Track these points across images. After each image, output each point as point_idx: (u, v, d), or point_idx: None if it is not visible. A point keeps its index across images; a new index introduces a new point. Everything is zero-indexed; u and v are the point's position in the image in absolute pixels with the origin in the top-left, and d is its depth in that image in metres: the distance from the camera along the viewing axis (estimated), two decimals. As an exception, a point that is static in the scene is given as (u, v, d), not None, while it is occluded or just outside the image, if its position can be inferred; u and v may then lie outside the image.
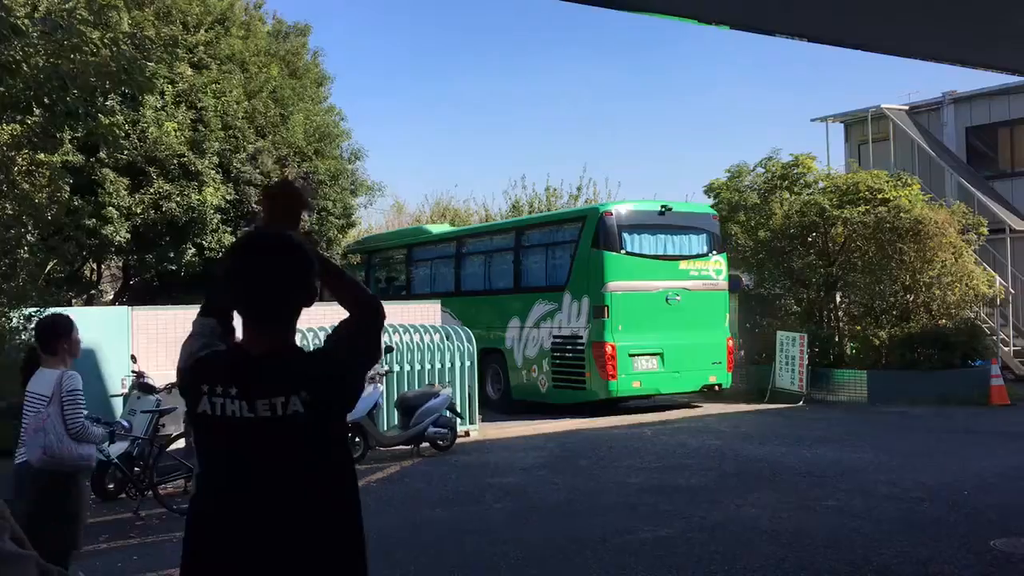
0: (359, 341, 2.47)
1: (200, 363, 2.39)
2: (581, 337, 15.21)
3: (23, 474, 5.15)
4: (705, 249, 16.01)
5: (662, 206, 15.77)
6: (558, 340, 15.68)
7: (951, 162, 21.81)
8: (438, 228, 21.15)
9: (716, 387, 16.18)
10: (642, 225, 15.43)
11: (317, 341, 11.82)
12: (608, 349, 14.69)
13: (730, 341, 16.37)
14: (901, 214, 16.85)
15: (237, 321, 2.54)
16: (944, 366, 15.95)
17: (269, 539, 2.24)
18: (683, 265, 15.57)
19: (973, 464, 10.27)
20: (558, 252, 16.18)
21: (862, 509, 8.23)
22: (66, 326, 5.32)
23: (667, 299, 15.28)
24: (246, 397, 2.24)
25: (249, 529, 2.24)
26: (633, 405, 16.40)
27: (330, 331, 2.48)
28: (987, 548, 6.78)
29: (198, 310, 2.69)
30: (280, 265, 2.34)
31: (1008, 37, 7.29)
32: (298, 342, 2.53)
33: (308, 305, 2.40)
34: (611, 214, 15.14)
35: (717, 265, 16.14)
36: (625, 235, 15.08)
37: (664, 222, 15.53)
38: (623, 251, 15.00)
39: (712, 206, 19.70)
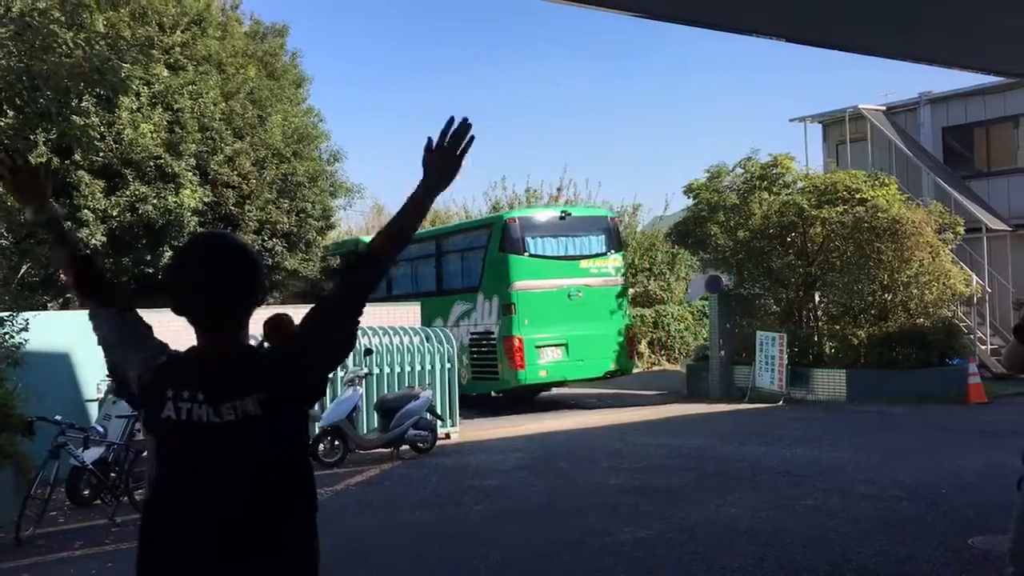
0: (334, 319, 2.36)
1: (162, 368, 2.34)
2: (493, 333, 16.70)
3: None
4: (604, 249, 17.49)
5: (562, 211, 17.67)
6: (474, 336, 17.17)
7: (928, 162, 21.95)
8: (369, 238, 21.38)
9: (619, 373, 17.78)
10: (544, 229, 16.94)
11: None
12: (516, 342, 16.17)
13: (631, 331, 18.00)
14: (879, 214, 16.93)
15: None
16: (922, 365, 16.04)
17: (225, 545, 2.21)
18: (583, 264, 17.05)
19: (951, 462, 10.33)
20: (472, 257, 17.65)
21: (841, 508, 8.25)
22: None
23: (569, 295, 16.75)
24: (212, 402, 2.22)
25: (206, 534, 2.20)
26: (611, 404, 16.41)
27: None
28: (965, 546, 6.80)
29: (102, 308, 2.57)
30: (232, 267, 2.32)
31: (984, 38, 7.34)
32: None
33: (259, 305, 2.37)
34: (514, 221, 16.88)
35: (615, 263, 17.75)
36: (528, 239, 16.59)
37: (564, 226, 17.07)
38: (527, 254, 16.51)
39: (692, 206, 19.79)
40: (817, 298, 18.73)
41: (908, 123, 23.23)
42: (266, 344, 2.54)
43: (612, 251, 17.67)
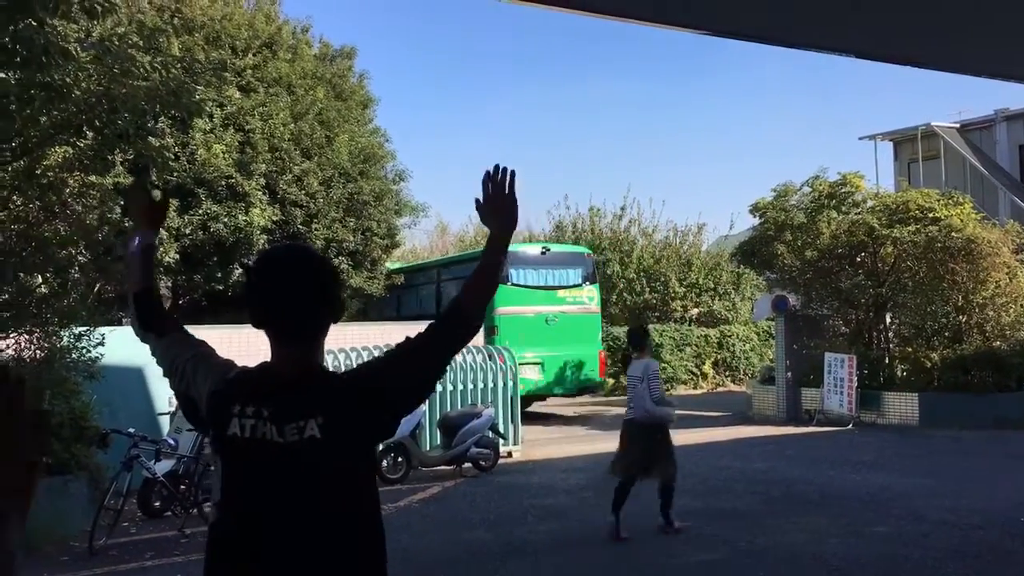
0: (420, 358, 2.28)
1: (230, 383, 2.29)
2: None
3: (633, 426, 8.32)
4: (580, 281, 19.37)
5: (543, 247, 19.81)
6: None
7: (1004, 180, 21.36)
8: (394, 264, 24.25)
9: (588, 390, 19.57)
10: (526, 262, 18.70)
11: (349, 362, 11.87)
12: None
13: (602, 354, 19.59)
14: (953, 233, 16.51)
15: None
16: (998, 389, 15.53)
17: (285, 571, 2.15)
18: (560, 293, 18.94)
19: (1030, 490, 9.97)
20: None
21: (914, 535, 8.01)
22: (645, 334, 8.66)
23: (546, 320, 18.55)
24: (276, 420, 2.16)
25: (264, 562, 2.15)
26: (675, 425, 16.18)
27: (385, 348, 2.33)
28: (1046, 578, 6.55)
29: (167, 328, 2.59)
30: (301, 279, 2.26)
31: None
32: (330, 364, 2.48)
33: (335, 321, 2.31)
34: None
35: (590, 293, 19.55)
36: (512, 270, 18.20)
37: (545, 260, 19.05)
38: (510, 283, 18.08)
39: (758, 225, 19.55)
40: (888, 319, 18.30)
41: (983, 141, 22.65)
42: None
43: (588, 283, 19.54)
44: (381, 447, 11.48)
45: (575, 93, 74.25)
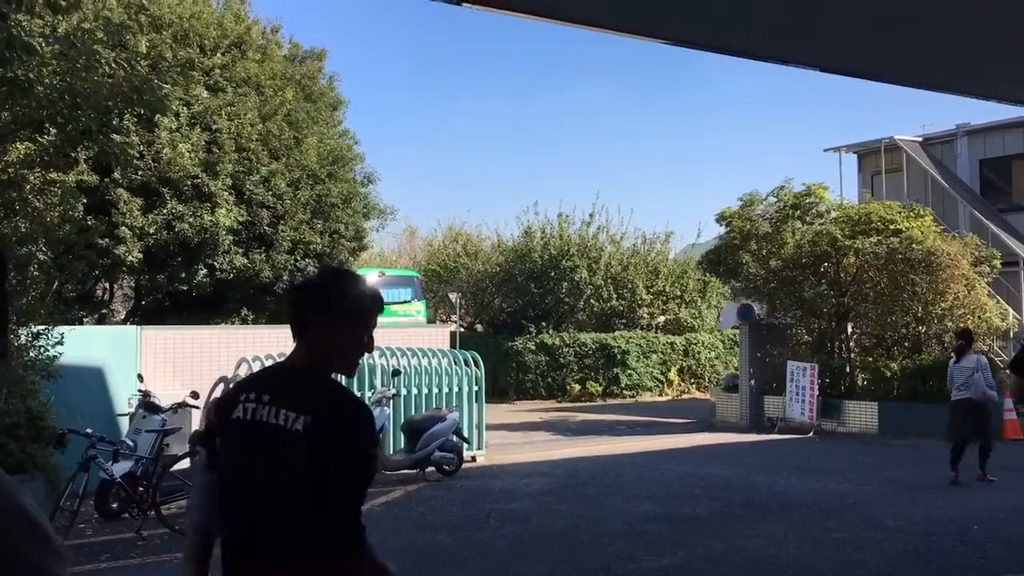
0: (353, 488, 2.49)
1: (238, 385, 2.67)
2: None
3: (968, 404, 11.14)
4: (409, 298, 22.16)
5: (379, 271, 22.63)
6: None
7: (964, 194, 21.72)
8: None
9: None
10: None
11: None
12: None
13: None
14: (913, 245, 16.77)
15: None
16: (956, 399, 15.76)
17: (251, 544, 2.50)
18: (393, 307, 20.37)
19: (983, 498, 10.14)
20: None
21: (870, 541, 8.12)
22: (970, 336, 11.39)
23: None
24: (273, 405, 2.49)
25: (244, 528, 2.51)
26: (639, 432, 16.29)
27: (351, 437, 2.47)
28: (996, 584, 6.67)
29: None
30: (305, 288, 2.66)
31: (1013, 67, 7.28)
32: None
33: (335, 327, 2.54)
34: None
35: (418, 308, 22.42)
36: None
37: (382, 281, 20.83)
38: None
39: (724, 234, 19.73)
40: (850, 329, 18.54)
41: (945, 155, 23.03)
42: None
43: (415, 300, 22.51)
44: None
45: (546, 99, 74.55)
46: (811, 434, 16.22)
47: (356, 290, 2.62)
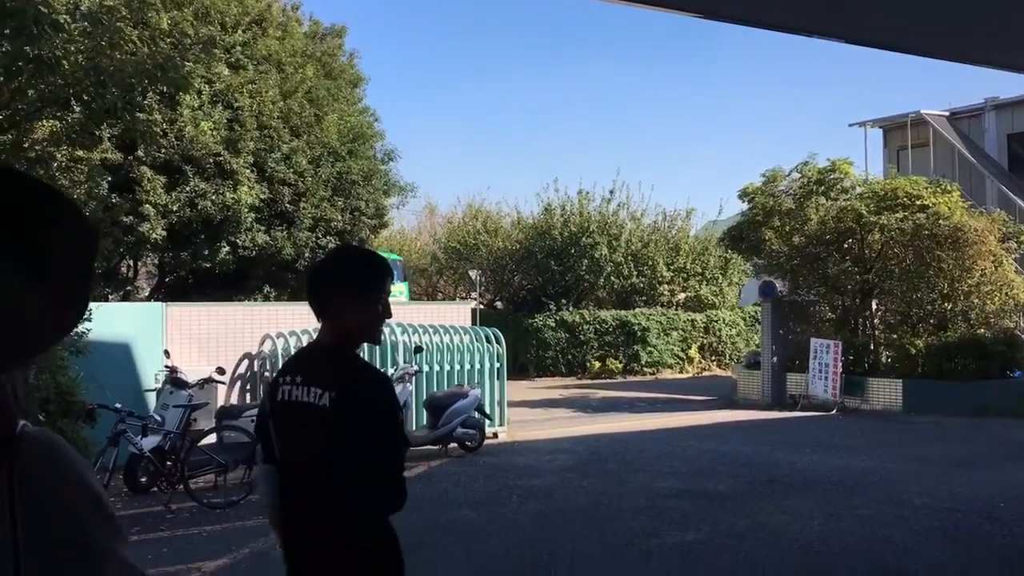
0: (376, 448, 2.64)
1: (279, 370, 2.90)
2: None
3: None
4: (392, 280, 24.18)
5: None
6: None
7: (992, 169, 21.45)
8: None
9: None
10: None
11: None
12: None
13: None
14: (940, 221, 16.59)
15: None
16: (982, 376, 15.66)
17: (295, 513, 2.75)
18: None
19: (1009, 476, 10.08)
20: None
21: (895, 518, 8.10)
22: None
23: None
24: (305, 384, 2.68)
25: (289, 497, 2.76)
26: (660, 408, 16.30)
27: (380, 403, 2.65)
28: (1023, 561, 6.64)
29: None
30: (323, 267, 2.81)
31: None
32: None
33: (351, 305, 2.69)
34: None
35: (400, 289, 23.57)
36: None
37: None
38: None
39: (746, 211, 19.59)
40: (874, 306, 18.41)
41: (972, 129, 22.73)
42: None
43: (398, 281, 23.05)
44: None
45: (567, 74, 74.10)
46: (834, 411, 16.16)
47: (364, 263, 2.79)
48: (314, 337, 2.86)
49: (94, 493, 1.00)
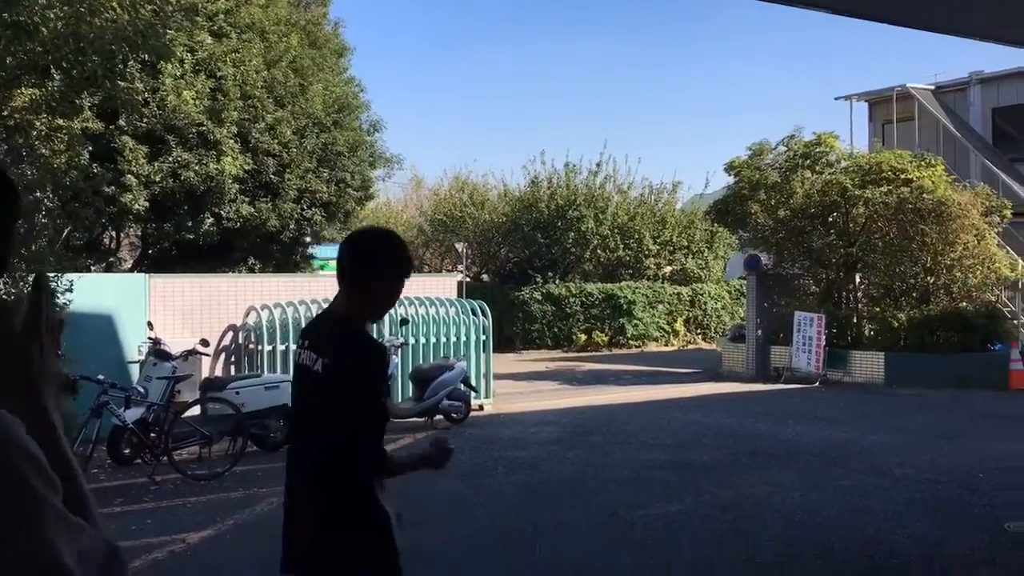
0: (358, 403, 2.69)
1: (299, 334, 3.05)
2: None
3: None
4: None
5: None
6: None
7: (976, 143, 21.51)
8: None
9: None
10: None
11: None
12: None
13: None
14: (924, 195, 16.64)
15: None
16: (963, 349, 15.80)
17: (298, 475, 2.78)
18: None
19: (989, 448, 10.19)
20: None
21: (875, 490, 8.18)
22: None
23: None
24: (310, 349, 2.81)
25: (293, 460, 2.85)
26: (646, 381, 16.37)
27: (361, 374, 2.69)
28: (1001, 531, 6.72)
29: None
30: (378, 247, 2.88)
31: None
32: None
33: (372, 281, 2.78)
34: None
35: None
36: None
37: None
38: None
39: (732, 184, 19.61)
40: (858, 279, 18.50)
41: (957, 103, 22.77)
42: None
43: None
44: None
45: (555, 47, 73.68)
46: (817, 384, 16.28)
47: (403, 251, 2.89)
48: (321, 308, 3.02)
49: (28, 449, 1.05)
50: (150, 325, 10.96)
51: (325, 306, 10.84)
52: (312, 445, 2.73)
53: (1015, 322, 18.52)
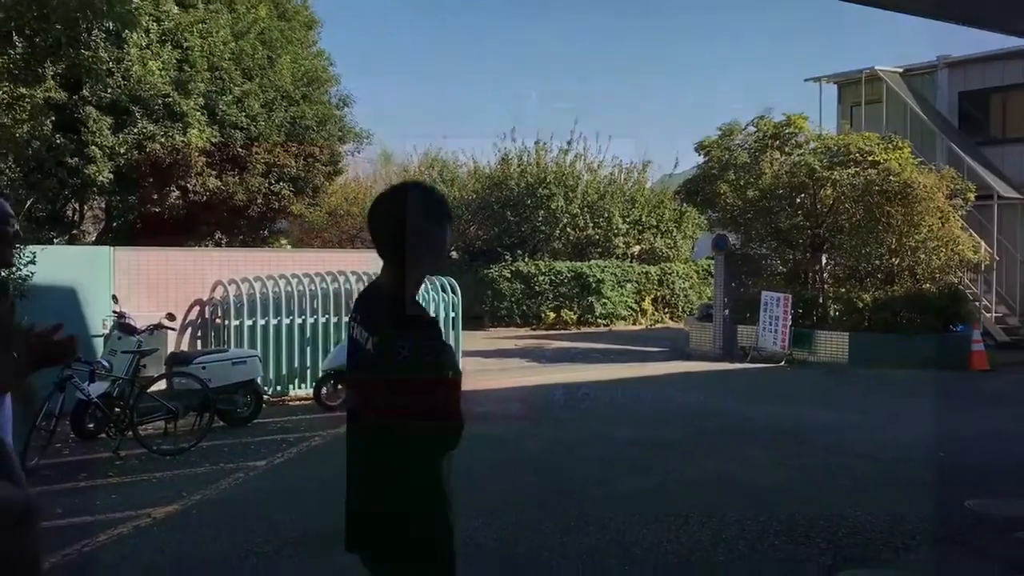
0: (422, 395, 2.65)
1: (354, 305, 2.92)
2: None
3: None
4: None
5: None
6: None
7: (943, 126, 21.73)
8: None
9: None
10: None
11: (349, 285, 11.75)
12: None
13: None
14: (890, 177, 16.81)
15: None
16: (926, 330, 16.03)
17: (356, 450, 2.79)
18: None
19: (950, 427, 10.37)
20: None
21: (839, 467, 8.30)
22: None
23: None
24: (362, 325, 2.73)
25: (352, 434, 2.82)
26: (614, 359, 16.45)
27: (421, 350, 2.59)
28: (961, 508, 6.85)
29: None
30: (389, 209, 2.69)
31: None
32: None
33: (421, 255, 2.66)
34: None
35: None
36: None
37: None
38: None
39: (702, 164, 19.69)
40: (824, 260, 18.69)
41: (925, 86, 22.96)
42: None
43: None
44: (320, 374, 11.47)
45: (527, 24, 73.27)
46: (783, 363, 16.45)
47: (431, 196, 2.76)
48: (289, 283, 2.90)
49: None
50: (115, 299, 10.81)
51: (294, 282, 10.66)
52: (378, 420, 2.67)
53: (977, 304, 18.84)
